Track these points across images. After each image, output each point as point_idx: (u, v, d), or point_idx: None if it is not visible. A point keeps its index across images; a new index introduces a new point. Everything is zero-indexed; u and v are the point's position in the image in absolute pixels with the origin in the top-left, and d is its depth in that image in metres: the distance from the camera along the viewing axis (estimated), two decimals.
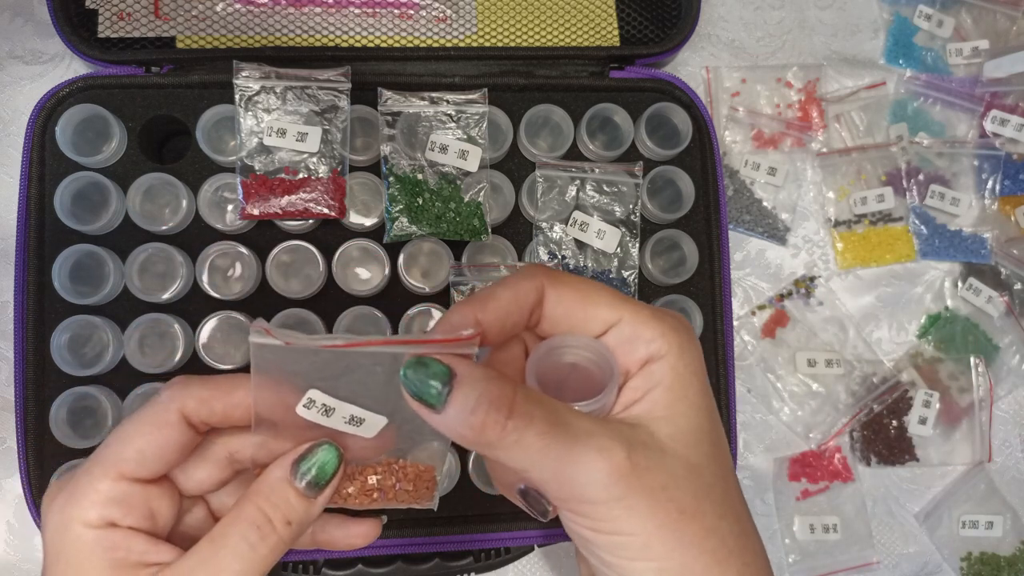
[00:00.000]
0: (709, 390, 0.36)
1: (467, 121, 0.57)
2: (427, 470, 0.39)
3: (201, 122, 0.56)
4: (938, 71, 0.73)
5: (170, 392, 0.36)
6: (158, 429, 0.35)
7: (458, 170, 0.57)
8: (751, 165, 0.69)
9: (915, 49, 0.73)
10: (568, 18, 0.63)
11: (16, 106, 0.63)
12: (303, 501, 0.35)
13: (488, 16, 0.62)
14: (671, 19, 0.63)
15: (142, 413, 0.36)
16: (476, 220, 0.57)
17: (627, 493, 0.32)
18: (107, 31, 0.58)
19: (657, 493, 0.32)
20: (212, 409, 0.36)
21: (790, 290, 0.69)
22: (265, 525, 0.34)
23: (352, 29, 0.61)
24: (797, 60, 0.72)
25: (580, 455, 0.32)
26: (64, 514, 0.34)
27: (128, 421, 0.36)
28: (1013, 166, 0.72)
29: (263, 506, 0.35)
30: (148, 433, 0.35)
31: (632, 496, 0.32)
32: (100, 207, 0.56)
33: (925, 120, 0.72)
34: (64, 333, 0.54)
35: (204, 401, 0.36)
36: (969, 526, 0.67)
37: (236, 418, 0.36)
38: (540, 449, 0.31)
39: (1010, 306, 0.70)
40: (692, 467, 0.34)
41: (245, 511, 0.35)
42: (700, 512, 0.33)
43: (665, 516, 0.32)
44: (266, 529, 0.34)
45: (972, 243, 0.71)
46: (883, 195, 0.70)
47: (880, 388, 0.68)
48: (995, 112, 0.72)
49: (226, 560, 0.34)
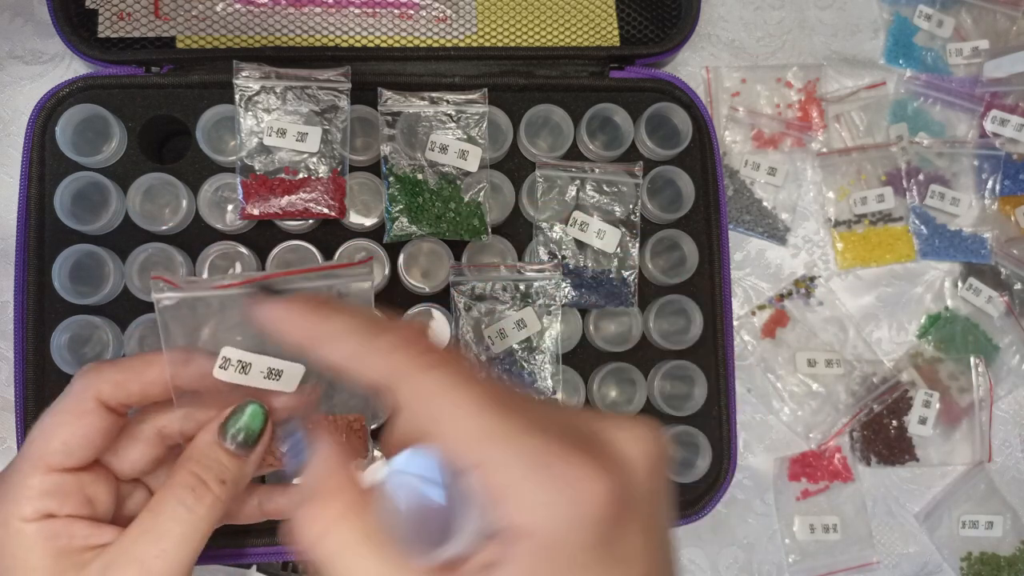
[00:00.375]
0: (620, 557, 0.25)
1: (467, 121, 0.57)
2: (356, 419, 0.39)
3: (201, 122, 0.56)
4: (938, 71, 0.73)
5: (83, 380, 0.36)
6: (77, 418, 0.35)
7: (458, 170, 0.57)
8: (751, 165, 0.69)
9: (915, 49, 0.73)
10: (568, 18, 0.63)
11: (16, 106, 0.63)
12: (234, 460, 0.36)
13: (488, 16, 0.62)
14: (671, 19, 0.63)
15: (59, 404, 0.36)
16: (476, 220, 0.56)
17: None
18: (107, 31, 0.58)
19: None
20: (128, 391, 0.36)
21: (790, 290, 0.69)
22: (199, 487, 0.35)
23: (352, 29, 0.61)
24: (797, 60, 0.72)
25: None
26: (1, 513, 0.35)
27: (47, 413, 0.36)
28: (1013, 166, 0.72)
29: (195, 469, 0.35)
30: (69, 423, 0.35)
31: None
32: (100, 207, 0.56)
33: (925, 120, 0.72)
34: (64, 333, 0.54)
35: (119, 384, 0.36)
36: (969, 526, 0.67)
37: (155, 395, 0.37)
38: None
39: (1010, 306, 0.70)
40: None
41: (178, 477, 0.35)
42: None
43: None
44: (200, 490, 0.35)
45: (972, 243, 0.71)
46: (883, 195, 0.70)
47: (880, 388, 0.68)
48: (995, 112, 0.72)
49: (166, 525, 0.34)
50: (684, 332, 0.59)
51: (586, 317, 0.59)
